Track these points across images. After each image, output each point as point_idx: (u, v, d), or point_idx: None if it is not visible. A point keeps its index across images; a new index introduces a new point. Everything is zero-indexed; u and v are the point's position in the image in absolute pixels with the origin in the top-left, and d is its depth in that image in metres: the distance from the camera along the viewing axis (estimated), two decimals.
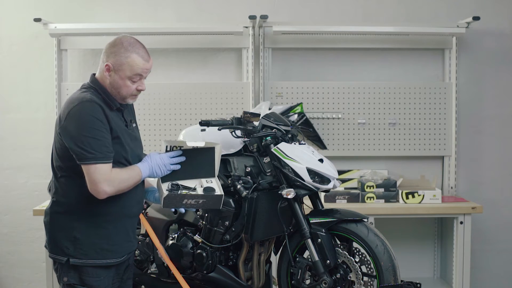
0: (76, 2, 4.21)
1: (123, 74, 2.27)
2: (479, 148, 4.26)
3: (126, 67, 2.26)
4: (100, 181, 2.17)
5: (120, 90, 2.30)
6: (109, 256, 2.32)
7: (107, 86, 2.30)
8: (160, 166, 2.39)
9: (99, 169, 2.18)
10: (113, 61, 2.26)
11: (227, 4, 4.23)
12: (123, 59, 2.26)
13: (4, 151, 4.22)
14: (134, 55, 2.27)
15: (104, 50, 2.31)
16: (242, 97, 4.11)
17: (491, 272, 4.29)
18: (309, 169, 2.61)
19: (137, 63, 2.27)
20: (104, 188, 2.19)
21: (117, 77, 2.27)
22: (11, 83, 4.23)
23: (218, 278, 2.82)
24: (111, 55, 2.27)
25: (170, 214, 2.97)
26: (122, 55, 2.26)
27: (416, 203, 3.81)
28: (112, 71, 2.27)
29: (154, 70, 4.21)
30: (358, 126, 4.14)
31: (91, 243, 2.28)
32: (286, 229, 2.72)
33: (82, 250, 2.27)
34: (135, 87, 2.32)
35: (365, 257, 2.63)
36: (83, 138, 2.16)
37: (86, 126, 2.17)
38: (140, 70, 2.29)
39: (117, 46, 2.28)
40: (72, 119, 2.19)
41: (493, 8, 4.21)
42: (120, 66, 2.26)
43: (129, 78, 2.28)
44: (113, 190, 2.22)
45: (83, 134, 2.17)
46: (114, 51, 2.27)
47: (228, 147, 2.83)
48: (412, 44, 4.19)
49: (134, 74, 2.28)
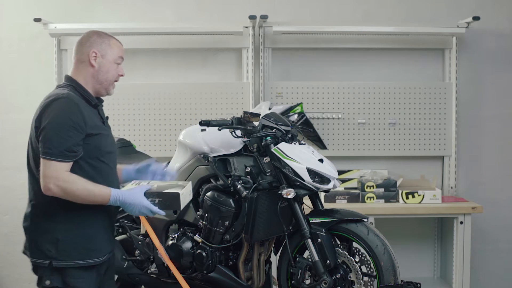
0: (76, 2, 4.21)
1: (110, 58, 2.39)
2: (479, 148, 4.26)
3: (110, 51, 2.39)
4: (49, 177, 2.17)
5: (107, 75, 2.39)
6: (92, 256, 2.31)
7: (84, 81, 2.37)
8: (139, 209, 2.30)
9: (52, 165, 2.18)
10: (98, 49, 2.37)
11: (227, 4, 4.23)
12: (105, 45, 2.39)
13: (4, 151, 4.22)
14: (113, 40, 2.43)
15: (78, 46, 2.39)
16: (242, 97, 4.11)
17: (491, 272, 4.29)
18: (309, 169, 2.62)
19: (118, 45, 2.44)
20: (49, 185, 2.17)
21: (105, 61, 2.38)
22: (11, 83, 4.23)
23: (218, 278, 2.82)
24: (93, 44, 2.37)
25: (170, 214, 2.97)
26: (104, 41, 2.39)
27: (416, 203, 3.81)
28: (99, 57, 2.37)
29: (154, 70, 4.27)
30: (358, 126, 4.14)
31: (73, 243, 2.27)
32: (286, 229, 2.72)
33: (65, 251, 2.26)
34: (117, 71, 2.43)
35: (365, 257, 2.63)
36: (48, 132, 2.19)
37: (54, 121, 2.20)
38: (122, 52, 2.45)
39: (93, 37, 2.39)
40: (44, 113, 2.22)
41: (493, 8, 4.21)
42: (106, 51, 2.38)
43: (115, 61, 2.41)
44: (59, 192, 2.18)
45: (50, 128, 2.19)
46: (93, 41, 2.38)
47: (228, 147, 2.83)
48: (412, 44, 4.19)
49: (118, 56, 2.42)
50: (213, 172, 2.81)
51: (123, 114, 4.09)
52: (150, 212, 2.31)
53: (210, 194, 2.82)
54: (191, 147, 2.92)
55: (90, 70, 2.37)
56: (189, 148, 2.94)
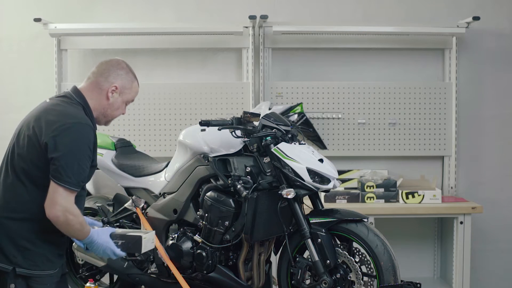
0: (76, 2, 4.21)
1: (125, 97, 2.41)
2: (479, 148, 4.26)
3: (129, 92, 2.41)
4: (60, 204, 2.14)
5: (114, 112, 2.41)
6: (54, 267, 2.29)
7: (93, 106, 2.34)
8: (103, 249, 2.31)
9: (67, 195, 2.16)
10: (121, 84, 2.38)
11: (227, 4, 4.23)
12: (128, 83, 2.40)
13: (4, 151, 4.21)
14: (135, 83, 2.45)
15: (104, 68, 2.39)
16: (242, 97, 4.11)
17: (491, 272, 4.29)
18: (309, 169, 2.62)
19: (137, 90, 2.47)
20: (58, 212, 2.14)
21: (120, 99, 2.39)
22: (11, 83, 4.23)
23: (218, 278, 2.82)
24: (118, 77, 2.37)
25: (170, 214, 2.97)
26: (128, 79, 2.41)
27: (416, 203, 3.81)
28: (116, 93, 2.37)
29: (154, 70, 4.27)
30: (358, 126, 4.14)
31: (40, 253, 2.24)
32: (286, 229, 2.72)
33: (32, 261, 2.22)
34: (123, 111, 2.46)
35: (365, 257, 2.64)
36: (70, 161, 2.15)
37: (77, 150, 2.17)
38: (136, 95, 2.48)
39: (123, 69, 2.41)
40: (66, 136, 2.17)
41: (493, 8, 4.21)
42: (125, 90, 2.39)
43: (126, 102, 2.44)
44: (62, 221, 2.16)
45: (71, 156, 2.16)
46: (120, 74, 2.39)
47: (228, 147, 2.83)
48: (412, 44, 4.19)
49: (131, 100, 2.45)
50: (213, 172, 2.81)
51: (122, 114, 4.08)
52: (113, 254, 2.31)
53: (210, 194, 2.82)
54: (191, 147, 2.92)
55: (104, 101, 2.36)
56: (189, 148, 2.94)
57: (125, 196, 3.21)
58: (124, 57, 4.24)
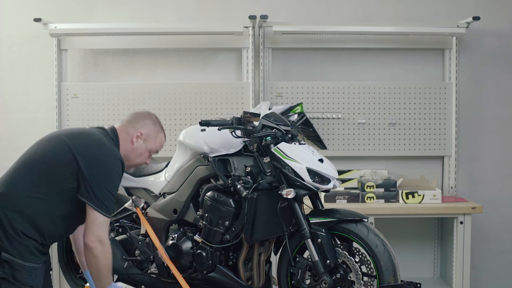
0: (76, 2, 4.21)
1: (149, 146, 2.62)
2: (479, 148, 4.26)
3: (154, 141, 2.63)
4: (97, 233, 2.35)
5: (137, 158, 2.61)
6: (37, 261, 2.39)
7: (123, 147, 2.55)
8: None
9: (105, 221, 2.38)
10: (146, 132, 2.60)
11: (227, 4, 4.23)
12: (153, 133, 2.62)
13: (4, 151, 4.22)
14: (161, 134, 2.68)
15: (134, 116, 2.62)
16: (242, 97, 4.11)
17: (491, 272, 4.29)
18: (309, 169, 2.61)
19: (162, 142, 2.69)
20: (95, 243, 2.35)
21: (144, 146, 2.61)
22: (11, 83, 4.23)
23: (218, 278, 2.82)
24: (145, 125, 2.61)
25: (170, 214, 2.97)
26: (155, 129, 2.63)
27: (416, 203, 3.81)
28: (141, 139, 2.59)
29: (154, 70, 4.27)
30: (358, 126, 4.14)
31: (25, 245, 2.34)
32: (286, 229, 2.72)
33: (17, 250, 2.32)
34: (146, 160, 2.66)
35: (365, 257, 2.63)
36: (107, 190, 2.36)
37: (114, 181, 2.40)
38: (161, 147, 2.70)
39: (151, 120, 2.64)
40: (103, 168, 2.37)
41: (493, 8, 4.21)
42: (150, 138, 2.61)
43: (150, 150, 2.64)
44: (95, 248, 2.35)
45: (109, 186, 2.37)
46: (147, 123, 2.62)
47: (228, 147, 2.83)
48: (412, 44, 4.19)
49: (156, 150, 2.66)
50: (213, 172, 2.81)
51: (123, 114, 4.09)
52: None
53: (210, 194, 2.82)
54: (191, 147, 2.92)
55: (129, 145, 2.57)
56: (189, 148, 2.94)
57: (125, 196, 3.21)
58: (124, 57, 4.27)
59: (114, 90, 4.10)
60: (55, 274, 3.84)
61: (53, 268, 3.76)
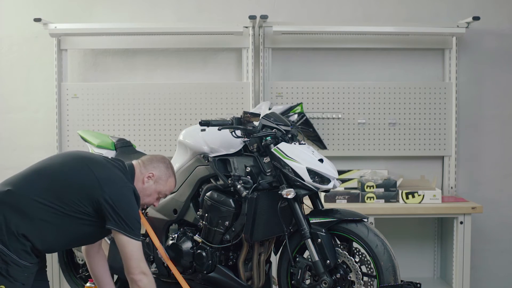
0: (76, 2, 4.21)
1: (158, 187, 2.65)
2: (479, 148, 4.26)
3: (163, 184, 2.66)
4: (137, 258, 2.44)
5: (146, 198, 2.64)
6: (31, 260, 2.41)
7: (135, 185, 2.59)
8: None
9: (137, 245, 2.44)
10: (158, 174, 2.64)
11: (227, 4, 4.23)
12: (164, 176, 2.66)
13: (4, 151, 4.22)
14: (172, 179, 2.70)
15: (150, 159, 2.69)
16: (242, 97, 4.11)
17: (491, 272, 4.29)
18: (309, 169, 2.61)
19: (172, 185, 2.71)
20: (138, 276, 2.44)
21: (153, 186, 2.64)
22: (11, 83, 4.23)
23: (218, 278, 2.82)
24: (158, 168, 2.65)
25: (170, 214, 2.97)
26: (166, 173, 2.67)
27: (416, 203, 3.81)
28: (152, 180, 2.63)
29: (154, 70, 4.27)
30: (358, 126, 4.14)
31: (22, 243, 2.37)
32: (286, 229, 2.72)
33: (13, 246, 2.36)
34: (154, 202, 2.69)
35: (365, 257, 2.63)
36: (134, 219, 2.45)
37: (136, 212, 2.49)
38: (169, 191, 2.72)
39: (164, 164, 2.69)
40: (127, 200, 2.46)
41: (493, 8, 4.21)
42: (161, 180, 2.65)
43: (159, 193, 2.67)
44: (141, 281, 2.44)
45: (135, 215, 2.47)
46: (160, 166, 2.66)
47: (228, 147, 2.83)
48: (412, 44, 4.19)
49: (164, 193, 2.69)
50: (213, 172, 2.81)
51: (123, 114, 4.09)
52: None
53: (210, 194, 2.82)
54: (191, 147, 2.92)
55: (139, 184, 2.60)
56: (189, 148, 2.94)
57: None
58: (124, 57, 4.27)
59: (114, 90, 4.10)
60: (55, 274, 3.85)
61: (53, 268, 3.78)
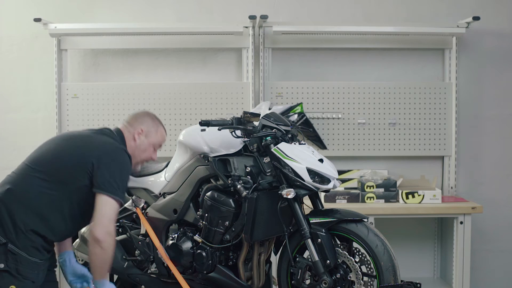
0: (76, 2, 4.21)
1: (151, 140, 2.73)
2: (479, 148, 4.26)
3: (154, 135, 2.73)
4: (108, 225, 2.41)
5: (142, 153, 2.71)
6: (41, 257, 2.45)
7: (128, 146, 2.65)
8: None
9: (114, 205, 2.43)
10: (146, 128, 2.71)
11: (227, 4, 4.23)
12: (154, 128, 2.73)
13: (4, 151, 4.22)
14: (161, 128, 2.79)
15: (132, 117, 2.73)
16: (242, 97, 4.11)
17: (491, 272, 4.29)
18: (309, 169, 2.61)
19: (163, 135, 2.79)
20: (105, 231, 2.39)
21: (146, 141, 2.71)
22: (11, 83, 4.23)
23: (218, 278, 2.82)
24: (144, 123, 2.72)
25: (170, 214, 2.97)
26: (154, 124, 2.74)
27: (416, 203, 3.81)
28: (143, 135, 2.70)
29: (154, 70, 4.27)
30: (358, 126, 4.15)
31: (31, 240, 2.40)
32: (286, 229, 2.71)
33: (22, 244, 2.38)
34: (151, 155, 2.75)
35: (365, 257, 2.63)
36: (119, 177, 2.46)
37: (125, 171, 2.51)
38: (163, 140, 2.80)
39: (149, 117, 2.76)
40: (117, 161, 2.48)
41: (493, 8, 4.21)
42: (151, 133, 2.72)
43: (153, 145, 2.74)
44: (105, 241, 2.39)
45: (121, 174, 2.47)
46: (146, 120, 2.73)
47: (228, 147, 2.83)
48: (412, 44, 4.19)
49: (158, 143, 2.76)
50: (213, 172, 2.80)
51: (123, 114, 4.09)
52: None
53: (210, 194, 2.81)
54: (191, 147, 2.92)
55: (132, 143, 2.68)
56: (189, 148, 2.94)
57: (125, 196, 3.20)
58: (124, 57, 4.28)
59: (114, 90, 4.10)
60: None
61: None
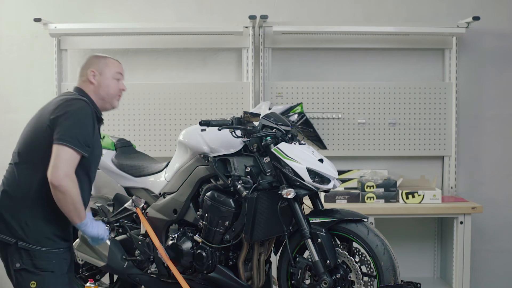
0: (76, 2, 4.21)
1: (108, 74, 2.61)
2: (479, 148, 4.26)
3: (107, 68, 2.62)
4: (63, 168, 2.30)
5: (108, 90, 2.60)
6: (57, 246, 2.43)
7: (92, 94, 2.58)
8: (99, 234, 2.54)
9: (70, 154, 2.33)
10: (95, 67, 2.60)
11: (227, 4, 4.23)
12: (102, 64, 2.62)
13: (4, 151, 4.20)
14: (109, 59, 2.67)
15: (80, 70, 2.64)
16: (242, 97, 4.11)
17: (491, 272, 4.29)
18: (309, 169, 2.62)
19: (114, 63, 2.67)
20: (60, 177, 2.29)
21: (103, 78, 2.60)
22: (11, 83, 4.23)
23: (218, 278, 2.82)
24: (91, 65, 2.61)
25: (170, 214, 2.97)
26: (101, 61, 2.63)
27: (416, 203, 3.81)
28: (97, 75, 2.59)
29: (154, 70, 4.27)
30: (358, 126, 4.15)
31: (41, 231, 2.40)
32: (286, 229, 2.72)
33: (32, 237, 2.38)
34: (118, 86, 2.64)
35: (365, 257, 2.64)
36: (74, 126, 2.36)
37: (80, 121, 2.40)
38: (119, 68, 2.66)
39: (92, 58, 2.65)
40: (65, 108, 2.39)
41: (493, 8, 4.21)
42: (103, 69, 2.60)
43: (113, 77, 2.62)
44: (63, 185, 2.30)
45: (76, 124, 2.38)
46: (91, 61, 2.63)
47: (228, 147, 2.83)
48: (412, 44, 4.19)
49: (116, 72, 2.63)
50: (213, 172, 2.81)
51: (123, 114, 4.09)
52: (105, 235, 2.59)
53: (210, 194, 2.82)
54: (191, 147, 2.92)
55: (91, 87, 2.58)
56: (189, 148, 2.94)
57: (125, 196, 3.21)
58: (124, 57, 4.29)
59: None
60: None
61: None
